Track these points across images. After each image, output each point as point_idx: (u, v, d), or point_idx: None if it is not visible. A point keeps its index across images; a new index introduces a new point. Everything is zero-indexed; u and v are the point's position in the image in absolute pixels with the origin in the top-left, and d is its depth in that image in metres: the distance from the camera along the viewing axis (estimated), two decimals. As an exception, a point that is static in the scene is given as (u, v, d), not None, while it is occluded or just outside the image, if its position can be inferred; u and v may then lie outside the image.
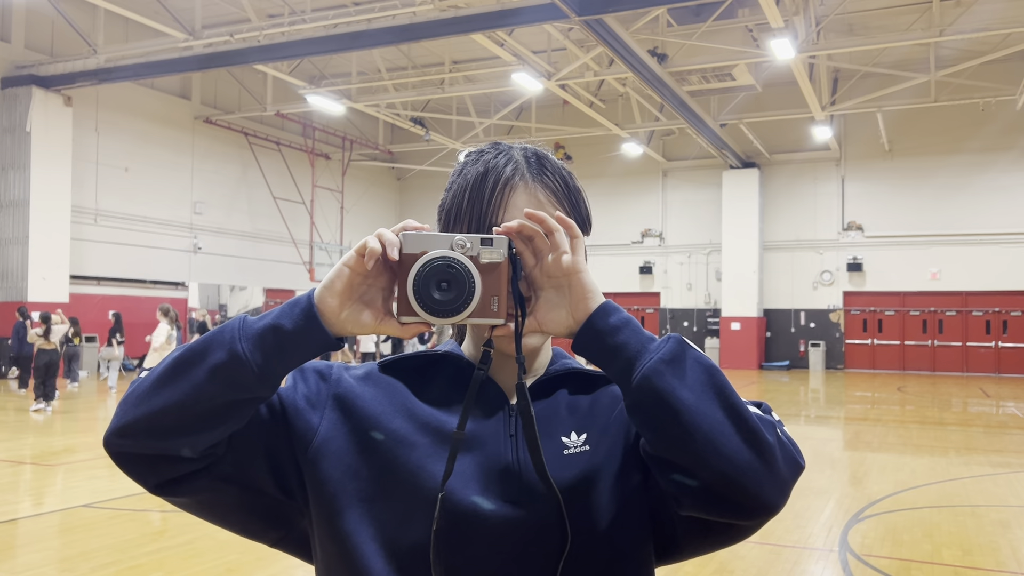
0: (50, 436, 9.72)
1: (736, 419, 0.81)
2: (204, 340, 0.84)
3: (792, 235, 23.57)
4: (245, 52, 15.46)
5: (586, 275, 0.84)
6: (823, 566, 4.78)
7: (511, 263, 0.84)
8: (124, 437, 0.85)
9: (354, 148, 25.27)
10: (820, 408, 14.62)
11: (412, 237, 0.83)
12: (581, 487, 0.91)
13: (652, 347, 0.82)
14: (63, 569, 4.57)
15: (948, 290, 22.08)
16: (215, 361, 0.82)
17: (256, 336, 0.82)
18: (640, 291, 25.20)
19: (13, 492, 6.69)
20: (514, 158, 0.95)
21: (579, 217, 0.97)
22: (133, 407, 0.85)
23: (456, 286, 0.81)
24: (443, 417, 0.93)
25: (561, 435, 0.95)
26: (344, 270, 0.82)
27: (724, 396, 0.81)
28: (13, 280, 16.93)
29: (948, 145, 21.61)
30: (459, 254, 0.82)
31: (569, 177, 0.97)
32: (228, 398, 0.82)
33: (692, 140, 22.42)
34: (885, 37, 15.88)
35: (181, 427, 0.83)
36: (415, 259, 0.82)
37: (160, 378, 0.84)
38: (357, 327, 0.83)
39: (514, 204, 0.92)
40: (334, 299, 0.82)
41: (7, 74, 17.19)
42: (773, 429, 0.85)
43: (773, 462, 0.82)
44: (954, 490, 7.05)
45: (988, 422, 12.45)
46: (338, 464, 0.91)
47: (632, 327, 0.83)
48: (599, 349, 0.83)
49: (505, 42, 15.51)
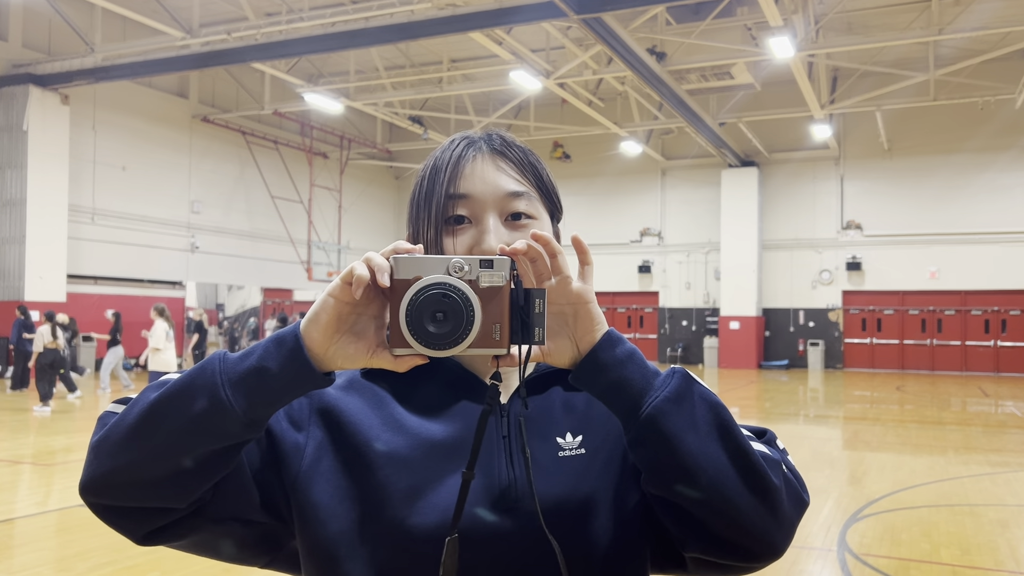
0: (47, 436, 9.69)
1: (741, 463, 0.79)
2: (182, 384, 0.77)
3: (791, 234, 23.57)
4: (243, 51, 15.43)
5: (595, 304, 0.81)
6: (821, 565, 4.76)
7: (514, 286, 0.78)
8: (100, 491, 0.80)
9: (352, 147, 25.25)
10: (819, 407, 14.62)
11: (404, 261, 0.76)
12: (575, 492, 0.88)
13: (657, 383, 0.79)
14: (60, 569, 4.56)
15: (947, 289, 22.08)
16: (197, 409, 0.76)
17: (239, 380, 0.76)
18: (639, 290, 25.20)
19: (10, 492, 6.67)
20: (475, 137, 0.96)
21: (545, 189, 0.96)
22: (108, 457, 0.78)
23: (453, 316, 0.74)
24: (434, 427, 0.90)
25: (556, 435, 0.92)
26: (329, 300, 0.76)
27: (730, 437, 0.79)
28: (10, 279, 16.90)
29: (947, 144, 21.61)
30: (456, 279, 0.76)
31: (531, 154, 0.97)
32: (213, 447, 0.77)
33: (691, 139, 22.42)
34: (884, 36, 15.87)
35: (164, 481, 0.78)
36: (408, 286, 0.75)
37: (136, 427, 0.77)
38: (347, 361, 0.77)
39: (472, 172, 0.91)
40: (320, 333, 0.76)
41: (4, 73, 17.15)
42: (779, 468, 0.83)
43: (778, 506, 0.81)
44: (953, 489, 7.04)
45: (987, 421, 12.45)
46: (327, 487, 0.87)
47: (636, 360, 0.80)
48: (602, 384, 0.80)
49: (503, 40, 15.49)
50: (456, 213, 0.91)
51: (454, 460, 0.88)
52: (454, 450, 0.88)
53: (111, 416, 0.83)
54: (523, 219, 0.92)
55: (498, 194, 0.91)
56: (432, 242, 0.92)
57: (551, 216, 0.97)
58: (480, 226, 0.90)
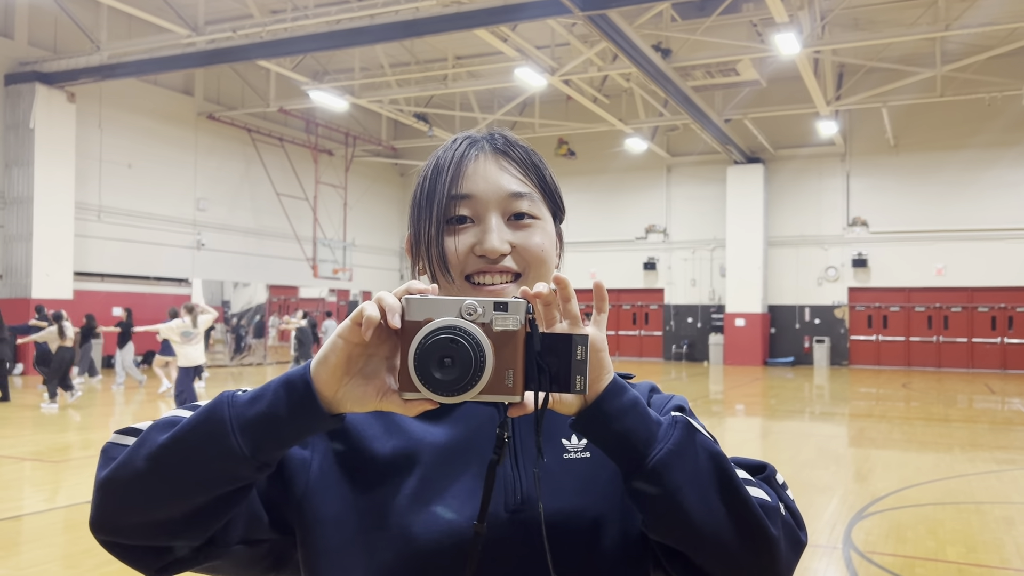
0: (55, 433, 9.74)
1: (741, 516, 0.79)
2: (191, 429, 0.76)
3: (797, 231, 23.51)
4: (248, 48, 15.46)
5: (607, 353, 0.79)
6: (827, 563, 4.76)
7: (530, 330, 0.74)
8: (112, 531, 0.80)
9: (357, 144, 25.27)
10: (824, 404, 14.59)
11: (416, 302, 0.73)
12: (579, 496, 0.88)
13: (660, 434, 0.78)
14: (67, 566, 4.58)
15: (954, 286, 22.01)
16: (208, 456, 0.75)
17: (249, 426, 0.75)
18: (644, 287, 25.18)
19: (18, 488, 6.70)
20: (477, 137, 0.95)
21: (547, 189, 0.96)
22: (117, 499, 0.78)
23: (460, 363, 0.71)
24: (436, 431, 0.89)
25: (561, 437, 0.91)
26: (338, 342, 0.74)
27: (730, 490, 0.79)
28: (17, 277, 16.97)
29: (954, 140, 21.53)
30: (467, 322, 0.72)
31: (534, 154, 0.96)
32: (225, 490, 0.77)
33: (696, 135, 22.37)
34: (891, 32, 15.81)
35: (177, 521, 0.78)
36: (418, 327, 0.72)
37: (145, 472, 0.77)
38: (356, 404, 0.75)
39: (474, 171, 0.91)
40: (329, 375, 0.74)
41: (10, 71, 17.21)
42: (778, 516, 0.83)
43: (777, 556, 0.81)
44: (959, 487, 7.03)
45: (993, 418, 12.41)
46: (334, 499, 0.87)
47: (639, 410, 0.79)
48: (605, 435, 0.78)
49: (508, 37, 15.49)
50: (458, 213, 0.90)
51: (456, 464, 0.87)
52: (457, 454, 0.88)
53: (116, 450, 0.82)
54: (526, 219, 0.92)
55: (501, 194, 0.91)
56: (433, 241, 0.91)
57: (553, 216, 0.97)
58: (482, 225, 0.90)
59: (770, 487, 0.86)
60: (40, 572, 4.48)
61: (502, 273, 0.90)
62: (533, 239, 0.92)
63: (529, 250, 0.91)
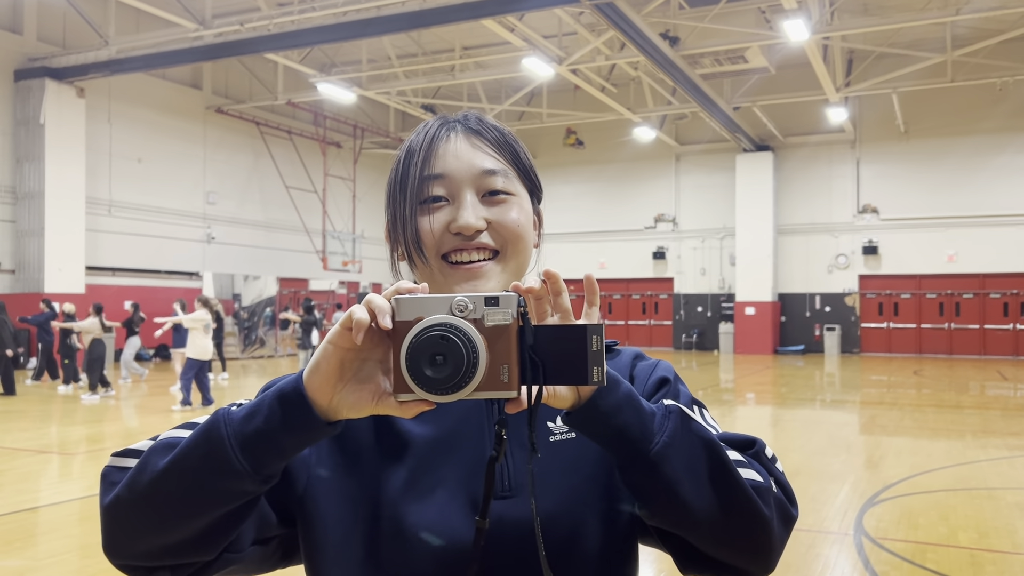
0: (72, 425, 9.83)
1: (736, 501, 0.81)
2: (190, 451, 0.76)
3: (807, 218, 23.42)
4: (256, 41, 15.48)
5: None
6: (838, 549, 4.77)
7: (522, 324, 0.73)
8: (125, 555, 0.80)
9: (365, 136, 25.28)
10: (836, 392, 14.57)
11: (406, 302, 0.72)
12: (565, 477, 0.88)
13: (655, 426, 0.78)
14: (84, 556, 4.63)
15: (965, 272, 21.89)
16: (211, 477, 0.75)
17: (248, 443, 0.75)
18: (653, 276, 25.14)
19: (36, 480, 6.78)
20: (450, 118, 0.95)
21: (522, 167, 0.95)
22: (125, 524, 0.79)
23: (452, 360, 0.69)
24: (427, 422, 0.89)
25: (546, 419, 0.91)
26: (329, 348, 0.72)
27: (725, 476, 0.80)
28: (30, 271, 17.09)
29: (964, 126, 21.38)
30: (458, 319, 0.71)
31: (508, 134, 0.96)
32: (234, 506, 0.77)
33: (705, 124, 22.28)
34: (900, 17, 15.68)
35: (189, 541, 0.78)
36: (409, 327, 0.71)
37: (149, 498, 0.77)
38: (351, 410, 0.74)
39: (446, 151, 0.91)
40: (322, 383, 0.73)
41: (20, 67, 17.29)
42: (770, 495, 0.84)
43: (770, 535, 0.83)
44: (970, 473, 7.02)
45: (1006, 405, 12.37)
46: (331, 494, 0.88)
47: (633, 403, 0.78)
48: (601, 431, 0.77)
49: (515, 27, 15.44)
50: (432, 194, 0.90)
51: (443, 453, 0.88)
52: (443, 443, 0.89)
53: (117, 474, 0.82)
54: (500, 195, 0.92)
55: (473, 171, 0.91)
56: (408, 223, 0.91)
57: (531, 195, 0.97)
58: (457, 203, 0.90)
59: (760, 463, 0.87)
60: (57, 563, 4.53)
61: (479, 250, 0.90)
62: (509, 214, 0.91)
63: (505, 225, 0.91)
